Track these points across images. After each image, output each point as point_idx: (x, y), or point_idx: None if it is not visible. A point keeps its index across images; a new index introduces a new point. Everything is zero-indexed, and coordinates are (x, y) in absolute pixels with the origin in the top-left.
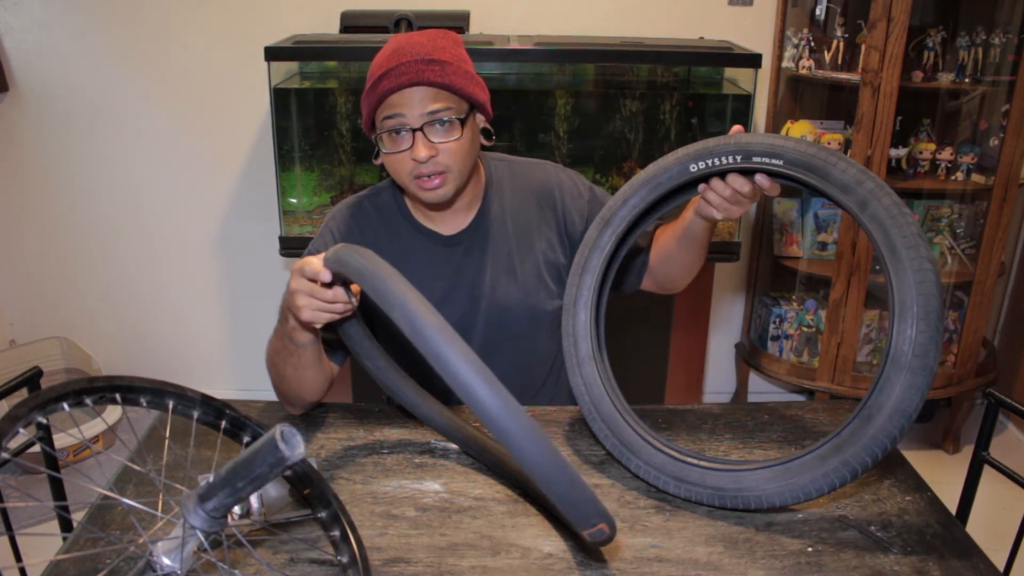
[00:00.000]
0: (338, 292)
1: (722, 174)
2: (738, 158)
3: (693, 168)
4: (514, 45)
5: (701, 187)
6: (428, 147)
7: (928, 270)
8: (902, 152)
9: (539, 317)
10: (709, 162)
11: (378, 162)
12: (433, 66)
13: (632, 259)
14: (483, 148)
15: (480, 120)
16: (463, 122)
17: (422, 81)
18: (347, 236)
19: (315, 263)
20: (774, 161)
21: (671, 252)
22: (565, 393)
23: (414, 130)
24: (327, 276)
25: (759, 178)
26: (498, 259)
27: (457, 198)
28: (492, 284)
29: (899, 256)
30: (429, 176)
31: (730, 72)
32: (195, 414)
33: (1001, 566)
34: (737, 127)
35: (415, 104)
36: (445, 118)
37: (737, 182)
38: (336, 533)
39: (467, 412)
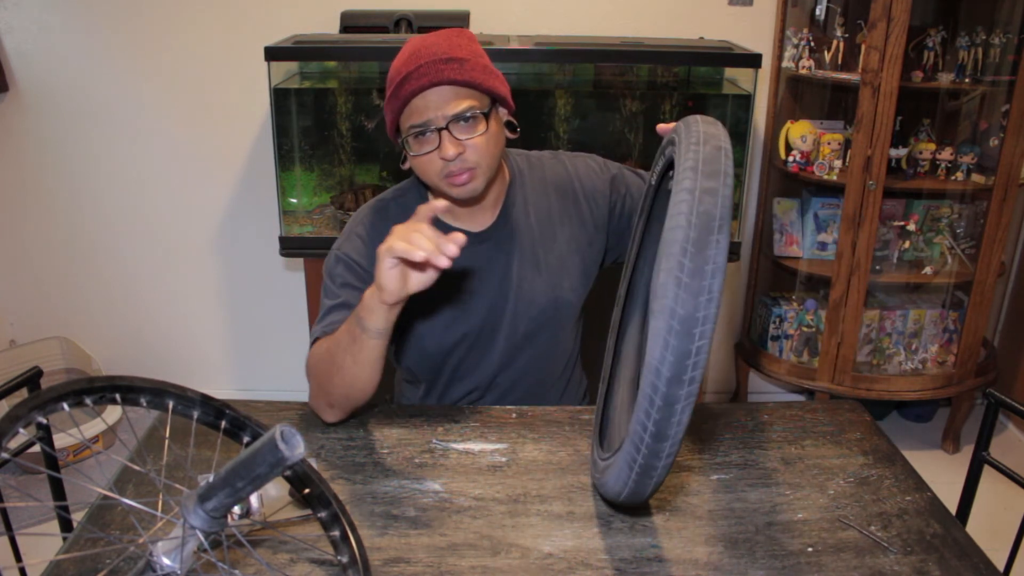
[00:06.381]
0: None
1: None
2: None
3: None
4: (514, 45)
5: None
6: (455, 144)
7: (683, 201)
8: (902, 152)
9: (562, 309)
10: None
11: (406, 166)
12: (452, 64)
13: None
14: (507, 141)
15: (503, 113)
16: (487, 116)
17: (443, 80)
18: (374, 237)
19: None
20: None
21: None
22: (578, 388)
23: (439, 129)
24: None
25: None
26: (524, 252)
27: (486, 193)
28: (519, 277)
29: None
30: (459, 173)
31: (730, 72)
32: (195, 414)
33: (1001, 566)
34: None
35: (439, 105)
36: (468, 115)
37: None
38: (336, 533)
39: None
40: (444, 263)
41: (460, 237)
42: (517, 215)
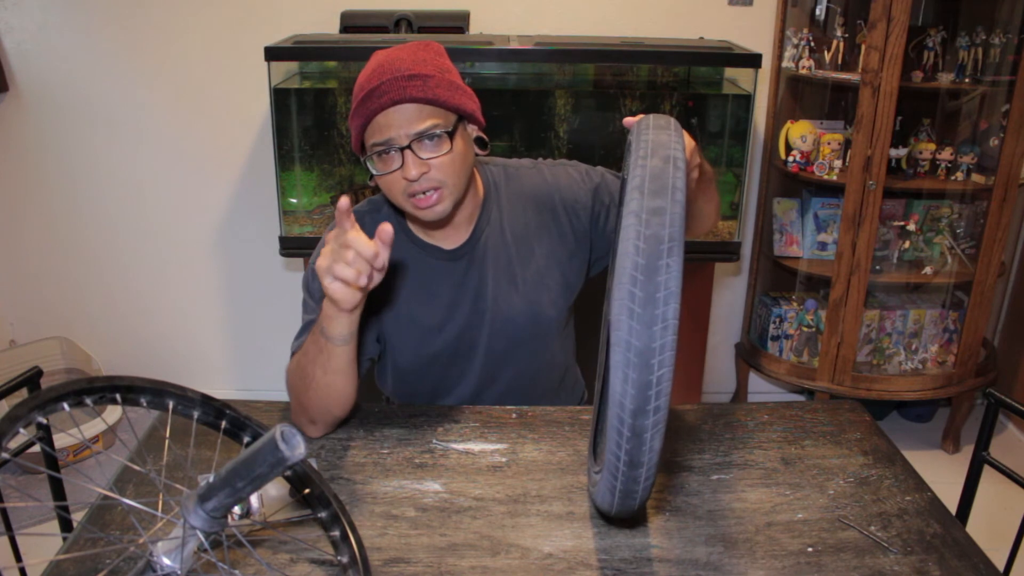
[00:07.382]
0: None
1: None
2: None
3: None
4: (514, 45)
5: None
6: (418, 165)
7: (630, 226)
8: (902, 152)
9: (543, 324)
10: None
11: (373, 183)
12: (415, 81)
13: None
14: (477, 156)
15: (472, 130)
16: (452, 135)
17: (405, 98)
18: None
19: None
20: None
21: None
22: (572, 394)
23: (402, 149)
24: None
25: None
26: (499, 269)
27: (456, 212)
28: (494, 295)
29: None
30: (425, 193)
31: (730, 72)
32: (195, 414)
33: (1001, 566)
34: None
35: (401, 123)
36: (432, 133)
37: None
38: (336, 533)
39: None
40: (378, 279)
41: (386, 234)
42: (492, 231)
